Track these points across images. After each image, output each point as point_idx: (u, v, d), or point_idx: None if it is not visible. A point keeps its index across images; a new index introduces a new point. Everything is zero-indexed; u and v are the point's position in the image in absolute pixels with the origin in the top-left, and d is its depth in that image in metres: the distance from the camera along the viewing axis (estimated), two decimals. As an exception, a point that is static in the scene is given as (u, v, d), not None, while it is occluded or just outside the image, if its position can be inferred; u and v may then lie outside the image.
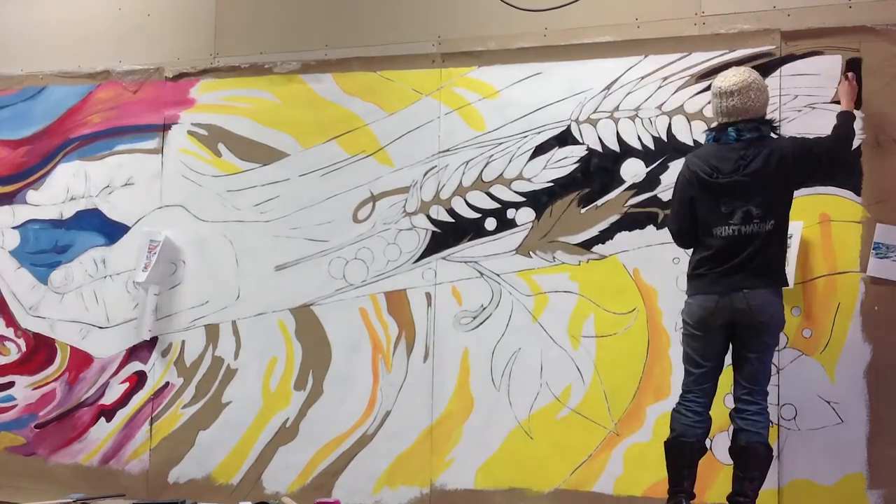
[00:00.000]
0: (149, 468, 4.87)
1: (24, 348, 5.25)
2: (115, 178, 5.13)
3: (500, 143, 4.44)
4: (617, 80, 4.28)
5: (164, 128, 5.05)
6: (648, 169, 4.20)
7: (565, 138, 4.33)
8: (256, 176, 4.85)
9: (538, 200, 4.35)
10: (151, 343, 4.97)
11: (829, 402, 3.89)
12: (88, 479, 4.59)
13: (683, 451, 3.65)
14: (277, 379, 4.73)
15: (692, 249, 3.74)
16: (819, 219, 3.96)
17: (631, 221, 4.21)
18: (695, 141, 4.13)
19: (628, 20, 4.29)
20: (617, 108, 4.27)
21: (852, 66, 3.93)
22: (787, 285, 3.74)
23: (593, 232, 4.27)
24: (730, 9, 4.14)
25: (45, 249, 5.24)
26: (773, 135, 3.67)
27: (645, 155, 4.22)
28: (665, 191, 4.16)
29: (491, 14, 4.51)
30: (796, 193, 3.91)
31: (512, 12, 4.47)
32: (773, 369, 3.93)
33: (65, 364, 5.13)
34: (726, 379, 4.01)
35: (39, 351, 5.21)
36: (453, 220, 4.50)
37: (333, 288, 4.67)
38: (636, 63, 4.26)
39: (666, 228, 4.08)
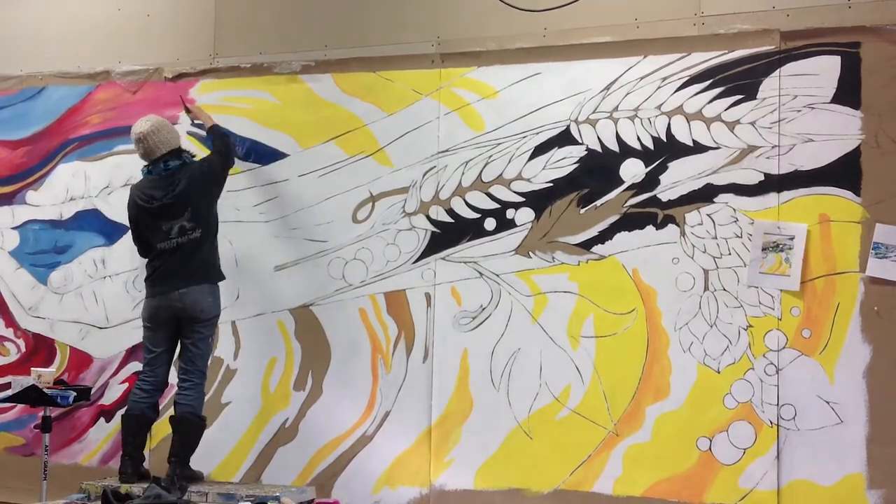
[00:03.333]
0: (149, 468, 4.86)
1: (23, 349, 5.25)
2: (114, 179, 5.13)
3: (500, 144, 4.44)
4: (616, 80, 4.28)
5: (164, 128, 5.05)
6: (648, 169, 4.20)
7: (565, 139, 4.34)
8: (256, 176, 4.85)
9: (537, 201, 4.35)
10: (151, 343, 4.97)
11: (828, 403, 3.89)
12: (88, 480, 4.57)
13: (131, 422, 4.44)
14: (277, 379, 4.73)
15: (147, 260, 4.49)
16: (819, 219, 3.96)
17: (630, 222, 4.21)
18: (694, 141, 4.14)
19: (627, 20, 4.29)
20: (616, 109, 4.27)
21: (851, 64, 3.94)
22: (222, 279, 4.51)
23: (593, 232, 4.26)
24: (729, 9, 4.14)
25: (45, 250, 5.24)
26: (190, 160, 4.53)
27: (644, 155, 4.21)
28: (665, 191, 4.16)
29: (490, 14, 4.51)
30: (797, 194, 3.95)
31: (511, 13, 4.47)
32: (773, 369, 3.94)
33: (64, 364, 5.14)
34: (721, 381, 4.02)
35: (39, 351, 5.21)
36: (453, 221, 4.50)
37: (333, 288, 4.67)
38: (635, 63, 4.26)
39: (665, 229, 4.11)
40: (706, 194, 4.11)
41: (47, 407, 4.64)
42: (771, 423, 3.94)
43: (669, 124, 4.19)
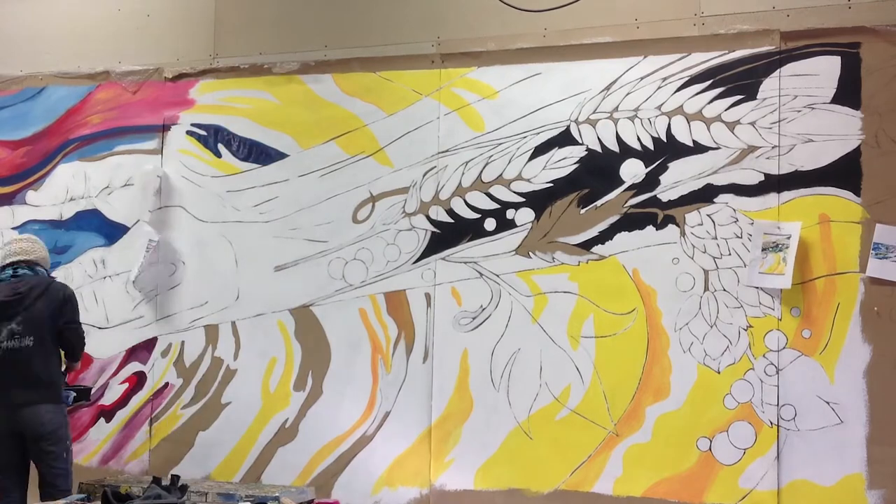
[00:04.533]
0: (149, 468, 4.87)
1: (23, 349, 5.25)
2: (114, 179, 5.13)
3: (500, 144, 4.44)
4: (616, 80, 4.28)
5: (164, 128, 5.06)
6: (648, 169, 4.20)
7: (564, 139, 4.34)
8: (256, 176, 4.85)
9: (538, 201, 4.35)
10: (151, 343, 4.98)
11: (828, 403, 3.89)
12: (88, 480, 4.58)
13: None
14: (277, 379, 4.73)
15: None
16: (818, 219, 3.96)
17: (630, 222, 4.21)
18: (694, 141, 4.14)
19: (628, 21, 4.29)
20: (616, 109, 4.27)
21: (851, 64, 3.95)
22: (63, 402, 4.26)
23: (593, 232, 4.26)
24: (729, 9, 4.14)
25: (45, 250, 5.24)
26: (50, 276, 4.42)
27: (644, 155, 4.21)
28: (665, 191, 4.16)
29: (490, 15, 4.51)
30: (797, 194, 3.96)
31: (511, 13, 4.47)
32: (773, 369, 3.94)
33: (64, 365, 5.12)
34: (722, 381, 4.01)
35: (39, 351, 5.20)
36: (453, 221, 4.50)
37: (333, 288, 4.67)
38: (635, 63, 4.26)
39: (665, 229, 4.11)
40: (706, 194, 4.11)
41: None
42: (771, 423, 3.94)
43: (669, 124, 4.19)
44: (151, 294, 4.99)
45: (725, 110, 4.10)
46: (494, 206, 4.43)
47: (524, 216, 4.37)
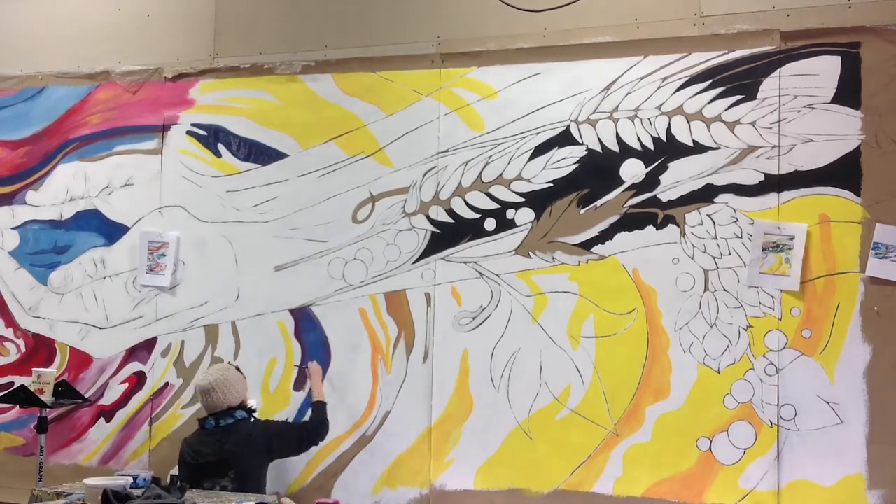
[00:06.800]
0: (148, 468, 4.86)
1: (23, 349, 5.25)
2: (114, 179, 5.13)
3: (500, 144, 4.44)
4: (616, 80, 4.28)
5: (164, 128, 5.06)
6: (648, 169, 4.20)
7: (564, 139, 4.34)
8: (256, 176, 4.85)
9: (537, 201, 4.35)
10: (151, 343, 4.98)
11: (828, 403, 3.89)
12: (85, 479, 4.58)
13: None
14: (277, 379, 4.73)
15: None
16: (818, 219, 3.96)
17: (630, 222, 4.21)
18: (694, 141, 4.14)
19: (628, 21, 4.29)
20: (616, 109, 4.27)
21: (851, 64, 3.95)
22: None
23: (593, 232, 4.26)
24: (729, 9, 4.14)
25: (45, 250, 5.24)
26: (250, 418, 4.29)
27: (644, 155, 4.21)
28: (665, 191, 4.16)
29: (490, 14, 4.51)
30: (797, 194, 3.96)
31: (511, 13, 4.47)
32: (773, 369, 3.94)
33: (64, 364, 5.13)
34: (722, 381, 4.01)
35: (39, 351, 5.21)
36: (453, 221, 4.50)
37: (333, 288, 4.67)
38: (635, 63, 4.26)
39: (665, 229, 4.11)
40: (706, 194, 4.11)
41: (43, 408, 4.65)
42: (771, 423, 3.94)
43: (669, 124, 4.19)
44: (151, 294, 5.00)
45: (725, 110, 4.10)
46: (494, 206, 4.43)
47: (524, 216, 4.37)
